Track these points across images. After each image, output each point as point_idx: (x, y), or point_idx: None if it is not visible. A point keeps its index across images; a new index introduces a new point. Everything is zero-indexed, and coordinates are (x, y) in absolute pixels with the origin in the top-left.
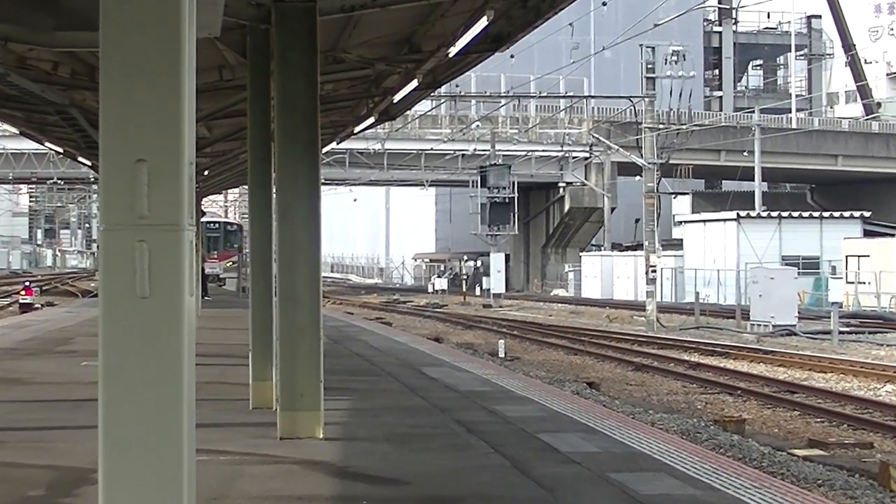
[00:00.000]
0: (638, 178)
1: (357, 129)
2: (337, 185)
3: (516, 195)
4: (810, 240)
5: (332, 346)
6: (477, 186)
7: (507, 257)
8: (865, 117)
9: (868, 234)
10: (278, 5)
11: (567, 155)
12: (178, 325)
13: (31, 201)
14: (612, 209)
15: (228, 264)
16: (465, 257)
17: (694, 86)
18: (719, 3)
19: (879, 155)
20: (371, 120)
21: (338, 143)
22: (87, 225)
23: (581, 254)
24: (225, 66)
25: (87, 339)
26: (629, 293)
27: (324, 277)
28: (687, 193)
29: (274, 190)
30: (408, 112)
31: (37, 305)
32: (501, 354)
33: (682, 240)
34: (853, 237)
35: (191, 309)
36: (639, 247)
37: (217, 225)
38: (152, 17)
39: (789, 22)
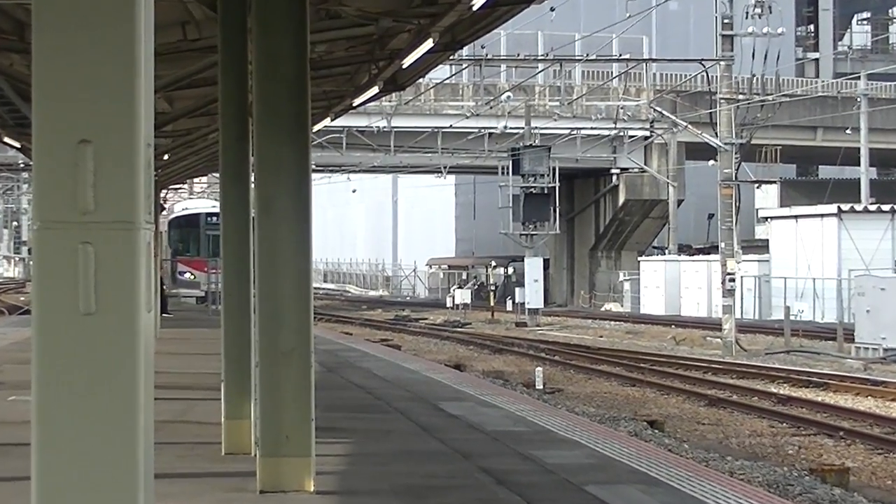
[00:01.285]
0: (711, 162)
1: (357, 101)
2: (332, 172)
3: (557, 184)
4: None
5: (327, 376)
6: (508, 174)
7: (546, 263)
8: None
9: None
10: None
11: (622, 134)
12: (131, 349)
13: None
14: (679, 202)
15: None
16: (493, 263)
17: (783, 46)
18: None
19: None
20: (374, 90)
21: (333, 120)
22: (15, 223)
23: (639, 258)
24: (189, 22)
25: (17, 367)
26: (700, 308)
27: (315, 289)
28: (774, 182)
29: (252, 178)
30: (420, 80)
31: None
32: (539, 386)
33: (767, 240)
34: None
35: (148, 328)
36: (713, 249)
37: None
38: None
39: None
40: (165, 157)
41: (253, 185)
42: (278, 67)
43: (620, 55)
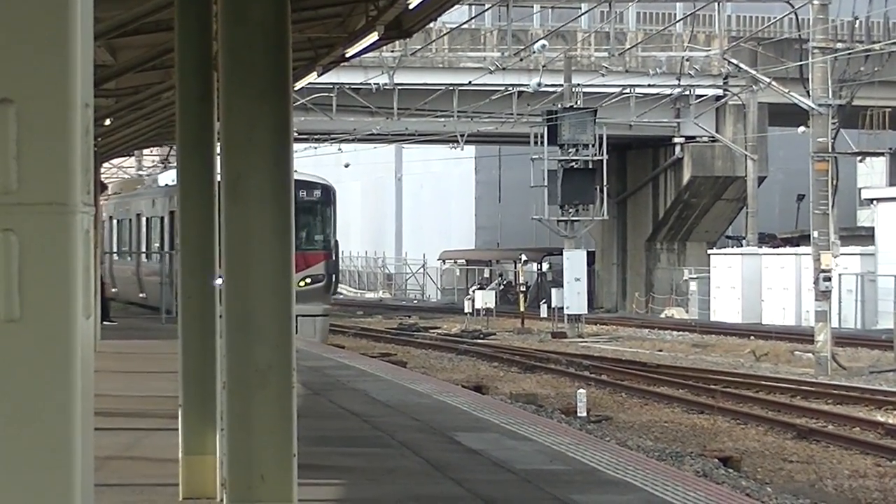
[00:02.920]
0: (802, 129)
1: (350, 51)
2: (318, 140)
3: (605, 157)
4: None
5: (313, 400)
6: (542, 144)
7: (592, 257)
8: None
9: None
10: None
11: (687, 93)
12: (65, 366)
13: None
14: (761, 180)
15: (306, 281)
16: (524, 257)
17: None
18: None
19: None
20: (373, 37)
21: (320, 75)
22: None
23: (710, 251)
24: None
25: None
26: (787, 314)
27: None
28: (882, 154)
29: (218, 149)
30: (431, 25)
31: None
32: (582, 413)
33: (872, 229)
34: None
35: (86, 339)
36: (803, 240)
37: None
38: None
39: None
40: (108, 121)
41: (218, 158)
42: (250, 8)
43: None
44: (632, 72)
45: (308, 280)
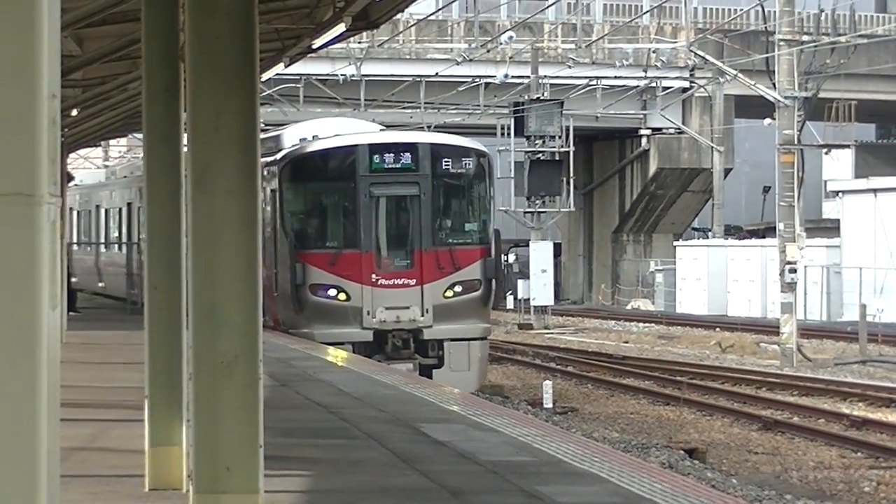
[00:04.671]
0: (768, 121)
1: (317, 42)
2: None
3: (571, 149)
4: None
5: (279, 391)
6: (509, 135)
7: (558, 248)
8: None
9: None
10: None
11: (654, 85)
12: (30, 358)
13: None
14: (727, 172)
15: (455, 290)
16: None
17: None
18: None
19: None
20: (340, 28)
21: (287, 66)
22: None
23: (676, 243)
24: None
25: None
26: (753, 306)
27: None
28: (848, 146)
29: (185, 140)
30: (398, 16)
31: None
32: (548, 404)
33: (838, 221)
34: None
35: (52, 331)
36: (769, 232)
37: (415, 156)
38: None
39: None
40: (74, 112)
41: (185, 149)
42: None
43: None
44: (598, 63)
45: (458, 288)
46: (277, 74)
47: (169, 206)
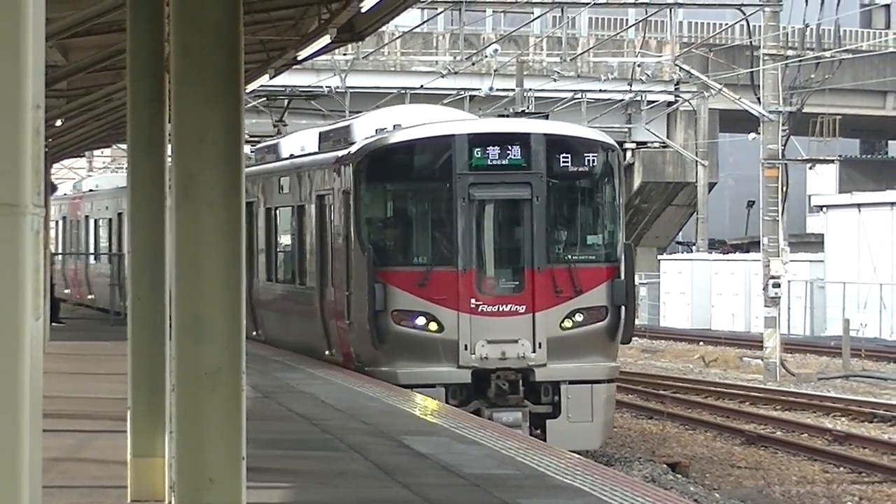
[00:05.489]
0: (752, 135)
1: (302, 54)
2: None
3: None
4: None
5: (262, 403)
6: None
7: None
8: None
9: None
10: None
11: (639, 98)
12: (13, 369)
13: None
14: (711, 186)
15: (574, 319)
16: None
17: None
18: None
19: None
20: (325, 40)
21: (272, 78)
22: None
23: (659, 257)
24: None
25: None
26: (737, 320)
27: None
28: (831, 161)
29: (169, 151)
30: (383, 28)
31: None
32: None
33: (822, 236)
34: None
35: (35, 341)
36: (753, 246)
37: (527, 150)
38: None
39: None
40: (58, 122)
41: (170, 159)
42: (203, 10)
43: None
44: (583, 77)
45: (578, 317)
46: (263, 86)
47: (153, 217)
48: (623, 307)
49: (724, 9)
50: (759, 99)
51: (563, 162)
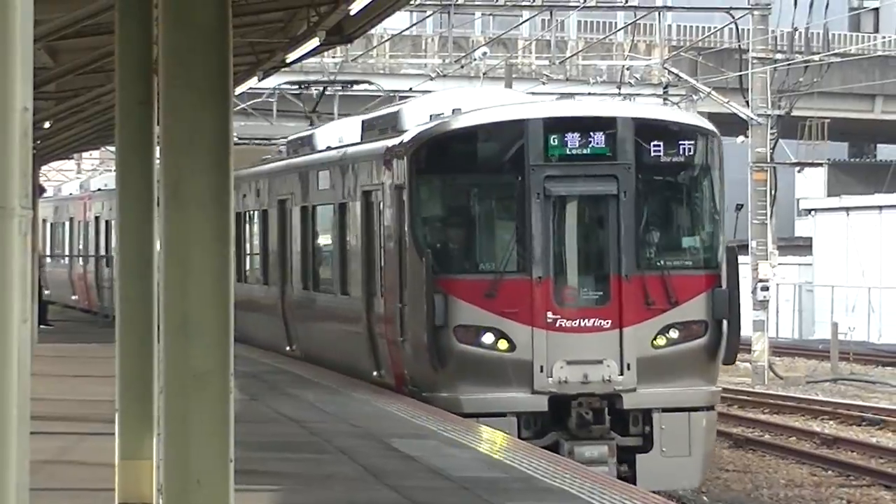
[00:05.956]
0: (741, 139)
1: (291, 56)
2: (258, 146)
3: None
4: None
5: (250, 405)
6: None
7: None
8: None
9: None
10: None
11: (628, 101)
12: (2, 369)
13: None
14: None
15: (669, 336)
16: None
17: None
18: None
19: None
20: (314, 43)
21: (261, 80)
22: None
23: None
24: None
25: None
26: None
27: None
28: (820, 164)
29: (158, 153)
30: (372, 31)
31: None
32: None
33: (811, 239)
34: None
35: (23, 344)
36: (742, 249)
37: (612, 137)
38: None
39: None
40: (47, 125)
41: (158, 162)
42: (192, 12)
43: (627, 2)
44: (572, 80)
45: (674, 333)
46: (251, 88)
47: (141, 219)
48: (725, 321)
49: (713, 12)
50: (747, 102)
51: (655, 151)
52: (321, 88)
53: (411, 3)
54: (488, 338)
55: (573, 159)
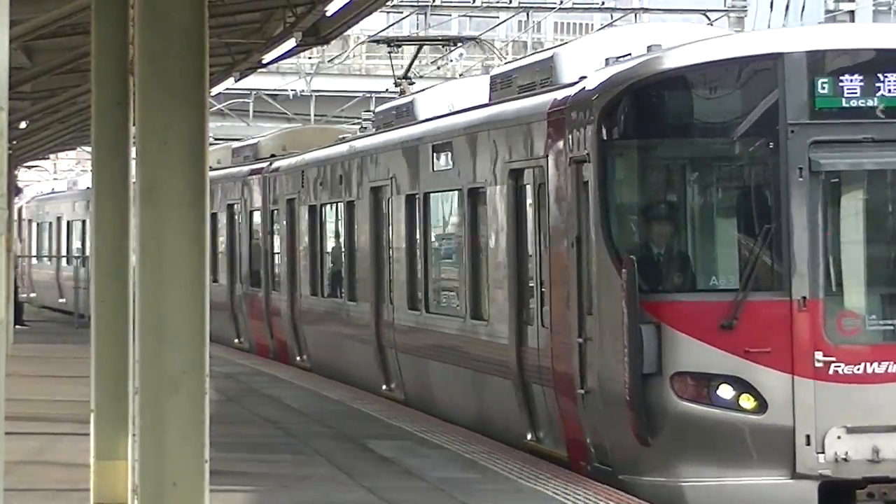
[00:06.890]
0: None
1: (267, 57)
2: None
3: None
4: None
5: (226, 406)
6: None
7: None
8: None
9: None
10: None
11: None
12: None
13: None
14: None
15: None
16: None
17: None
18: None
19: None
20: (290, 43)
21: (237, 81)
22: None
23: None
24: None
25: None
26: None
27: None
28: None
29: (134, 153)
30: (349, 32)
31: None
32: None
33: None
34: None
35: None
36: None
37: None
38: None
39: None
40: (22, 125)
41: (134, 162)
42: (168, 12)
43: (603, 3)
44: None
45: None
46: (227, 88)
47: (117, 220)
48: None
49: (689, 14)
50: None
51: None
52: (417, 50)
53: (388, 4)
54: (725, 391)
55: (855, 115)
